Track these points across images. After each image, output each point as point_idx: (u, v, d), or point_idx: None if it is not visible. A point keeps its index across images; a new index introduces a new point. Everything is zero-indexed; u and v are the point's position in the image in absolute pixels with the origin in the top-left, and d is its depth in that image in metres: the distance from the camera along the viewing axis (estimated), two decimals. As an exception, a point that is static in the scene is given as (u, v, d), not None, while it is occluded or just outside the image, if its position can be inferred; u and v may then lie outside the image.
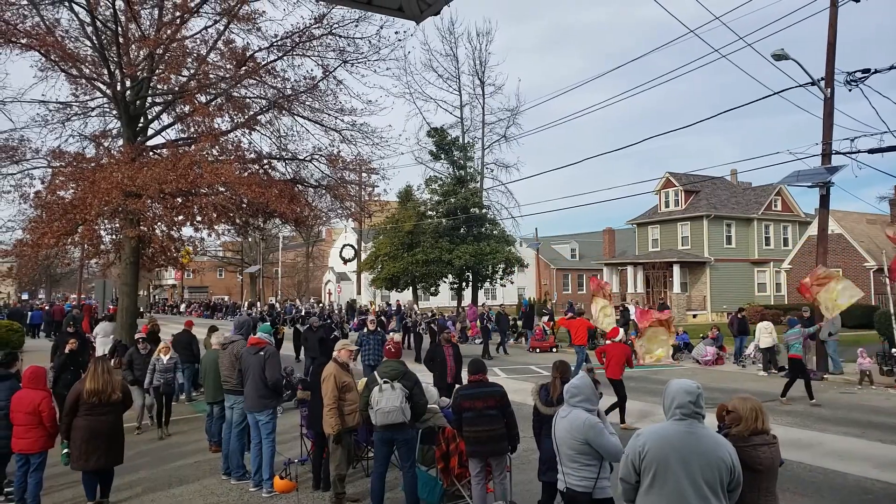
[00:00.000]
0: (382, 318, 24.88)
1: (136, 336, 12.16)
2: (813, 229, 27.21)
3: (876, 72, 15.92)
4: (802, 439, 10.02)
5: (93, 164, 15.70)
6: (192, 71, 16.37)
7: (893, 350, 16.41)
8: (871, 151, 16.22)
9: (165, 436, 10.87)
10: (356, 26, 16.29)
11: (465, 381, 7.25)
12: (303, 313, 31.34)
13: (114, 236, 16.98)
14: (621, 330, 13.12)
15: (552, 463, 5.60)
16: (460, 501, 7.13)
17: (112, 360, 15.81)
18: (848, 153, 16.60)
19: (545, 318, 28.05)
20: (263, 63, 16.57)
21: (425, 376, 9.17)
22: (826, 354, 17.00)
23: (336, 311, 35.88)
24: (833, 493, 7.48)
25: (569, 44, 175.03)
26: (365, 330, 14.93)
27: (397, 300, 37.82)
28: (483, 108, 39.68)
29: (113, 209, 14.16)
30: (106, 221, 15.69)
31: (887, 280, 20.22)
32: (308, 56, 16.85)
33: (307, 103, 17.30)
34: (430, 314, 26.71)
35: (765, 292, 39.54)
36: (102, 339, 16.08)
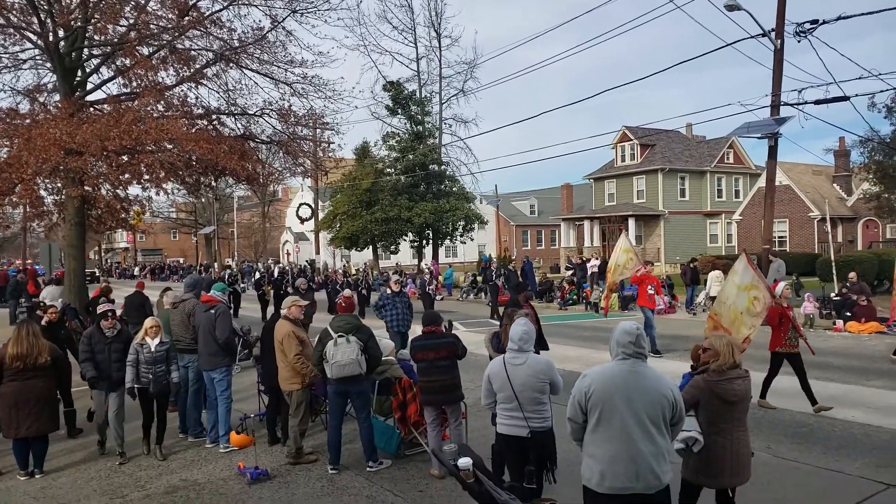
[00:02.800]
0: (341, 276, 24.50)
1: (103, 308, 7.86)
2: (763, 181, 27.89)
3: (824, 23, 16.15)
4: (746, 380, 10.45)
5: (28, 121, 14.97)
6: (131, 21, 15.59)
7: (832, 294, 17.14)
8: (816, 102, 16.59)
9: (159, 458, 7.44)
10: (305, -28, 15.75)
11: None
12: (275, 273, 30.04)
13: (56, 196, 16.35)
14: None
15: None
16: (417, 448, 7.26)
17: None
18: (795, 104, 16.95)
19: (568, 273, 25.24)
20: (208, 13, 15.92)
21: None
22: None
23: (363, 272, 28.22)
24: (772, 428, 7.86)
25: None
26: (387, 291, 12.73)
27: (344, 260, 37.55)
28: (440, 61, 39.10)
29: (52, 167, 13.61)
30: (46, 181, 15.08)
31: (829, 229, 21.02)
32: (255, 5, 16.25)
33: (256, 55, 16.75)
34: (427, 268, 25.49)
35: (716, 243, 40.65)
36: (50, 304, 15.63)
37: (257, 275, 30.28)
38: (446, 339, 6.70)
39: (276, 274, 29.82)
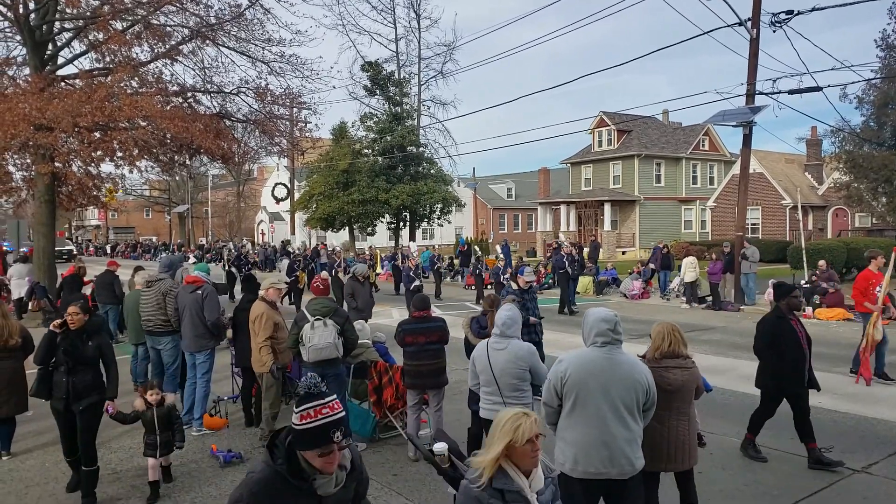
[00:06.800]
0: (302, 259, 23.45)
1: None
2: (737, 168, 28.23)
3: (798, 13, 16.33)
4: (718, 366, 10.67)
5: (-5, 95, 14.53)
6: (103, -6, 15.19)
7: (803, 282, 17.48)
8: (790, 92, 16.86)
9: None
10: (283, -50, 15.43)
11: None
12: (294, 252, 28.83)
13: (25, 172, 15.99)
14: None
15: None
16: (392, 432, 7.29)
17: (30, 304, 15.16)
18: (770, 93, 17.18)
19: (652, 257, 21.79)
20: (183, -13, 15.53)
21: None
22: (741, 287, 17.96)
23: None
24: (741, 412, 8.00)
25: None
26: (514, 287, 9.59)
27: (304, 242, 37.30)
28: (419, 43, 38.82)
29: (21, 143, 13.27)
30: (15, 156, 14.71)
31: (800, 217, 21.39)
32: (232, -19, 15.90)
33: (232, 33, 16.45)
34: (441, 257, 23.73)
35: (690, 229, 41.18)
36: (17, 282, 15.36)
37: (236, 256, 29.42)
38: (437, 324, 6.75)
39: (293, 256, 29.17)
